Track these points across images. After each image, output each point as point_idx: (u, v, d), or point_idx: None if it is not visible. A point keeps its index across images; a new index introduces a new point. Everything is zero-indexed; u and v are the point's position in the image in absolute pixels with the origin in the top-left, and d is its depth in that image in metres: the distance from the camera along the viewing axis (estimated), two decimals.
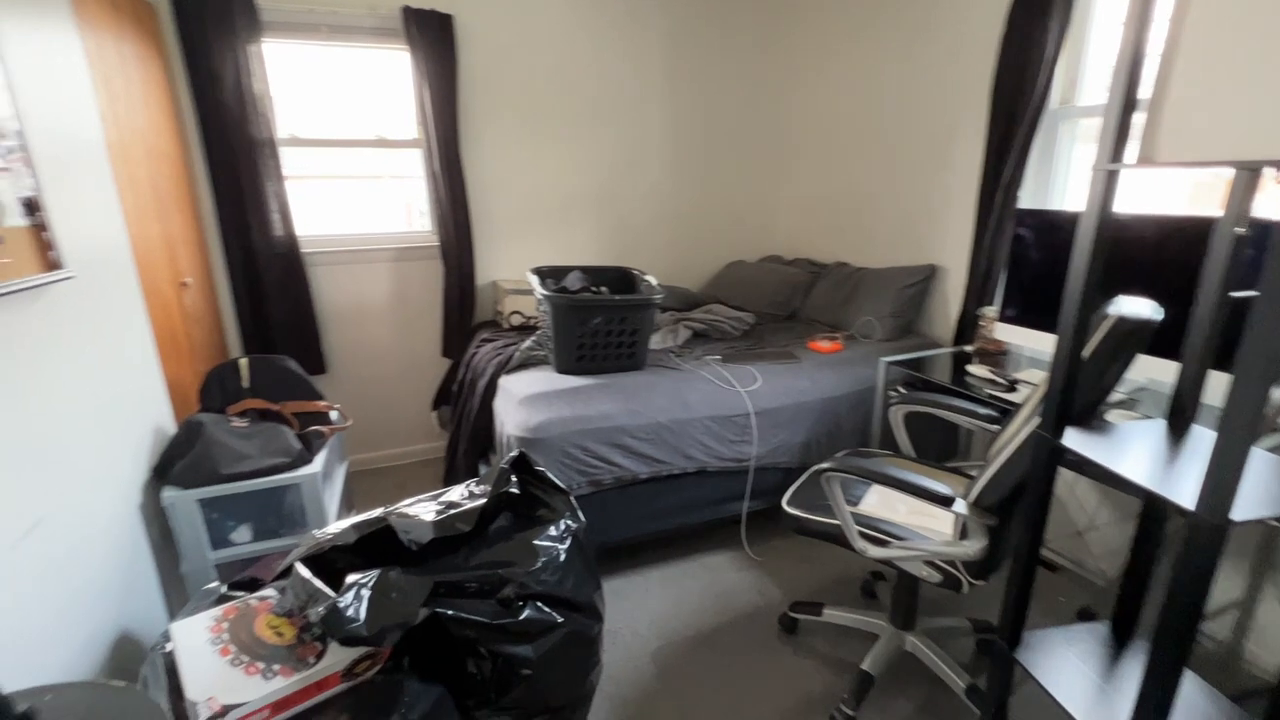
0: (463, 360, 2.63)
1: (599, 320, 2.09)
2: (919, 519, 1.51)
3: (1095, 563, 2.07)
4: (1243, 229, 0.93)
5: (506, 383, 2.15)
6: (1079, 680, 1.08)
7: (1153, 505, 1.13)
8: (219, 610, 1.17)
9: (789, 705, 1.60)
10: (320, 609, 1.04)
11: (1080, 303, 0.94)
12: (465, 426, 2.32)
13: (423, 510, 1.27)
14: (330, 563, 1.19)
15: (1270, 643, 1.66)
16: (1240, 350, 0.71)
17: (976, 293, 2.32)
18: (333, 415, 1.93)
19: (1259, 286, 0.69)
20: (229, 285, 2.52)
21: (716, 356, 2.38)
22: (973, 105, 2.31)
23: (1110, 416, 1.64)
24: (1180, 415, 1.04)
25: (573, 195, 3.08)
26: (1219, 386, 0.85)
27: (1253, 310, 0.70)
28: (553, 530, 1.30)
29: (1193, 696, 1.07)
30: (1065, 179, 2.19)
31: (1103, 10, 2.01)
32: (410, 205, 2.94)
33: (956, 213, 2.46)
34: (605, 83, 2.99)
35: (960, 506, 1.26)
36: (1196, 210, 1.70)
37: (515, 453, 1.42)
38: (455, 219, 2.74)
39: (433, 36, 2.54)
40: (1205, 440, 0.98)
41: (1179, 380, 1.04)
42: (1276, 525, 1.55)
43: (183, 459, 1.56)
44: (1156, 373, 1.61)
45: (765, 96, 3.34)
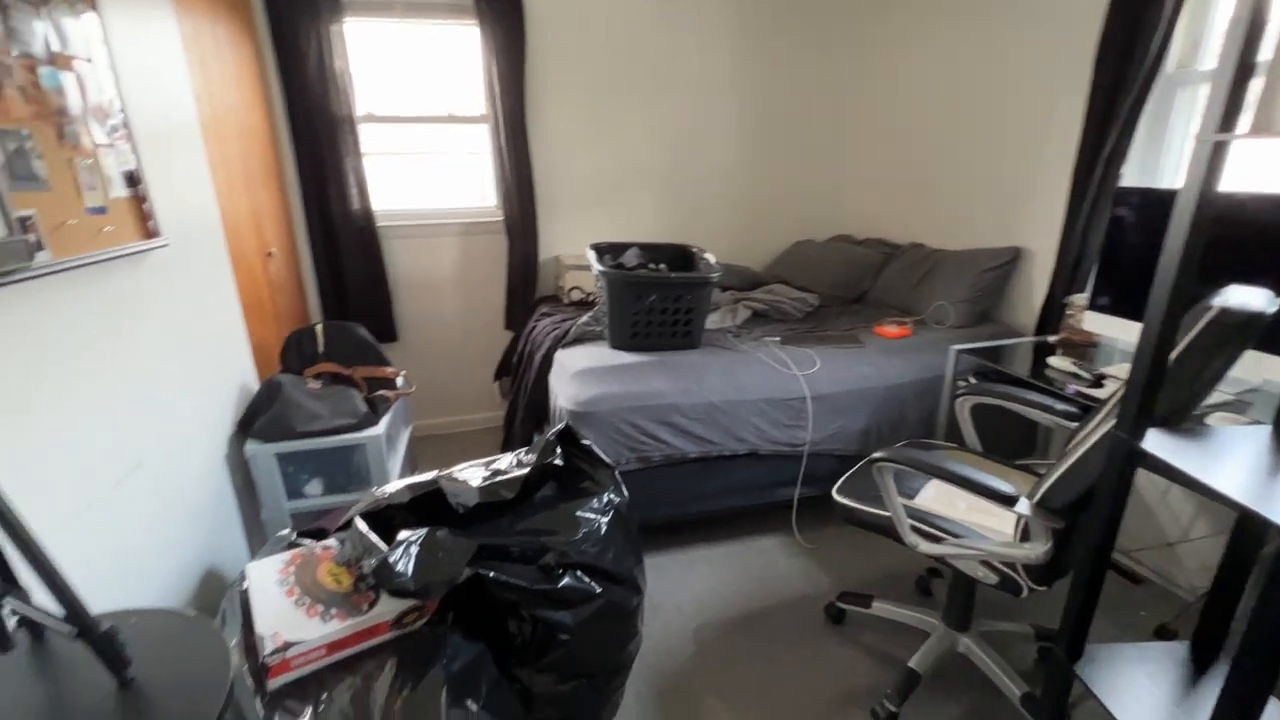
0: (523, 333, 2.69)
1: (654, 297, 2.08)
2: (979, 517, 1.43)
3: (1187, 578, 1.89)
4: None
5: (562, 357, 2.19)
6: (1146, 701, 1.00)
7: (1247, 520, 1.02)
8: (288, 555, 1.26)
9: (829, 695, 1.57)
10: (372, 561, 1.11)
11: (1173, 288, 0.85)
12: (522, 397, 2.39)
13: (472, 475, 1.32)
14: (388, 519, 1.27)
15: None
16: None
17: (1065, 278, 2.14)
18: (398, 381, 2.03)
19: None
20: (310, 255, 2.68)
21: (775, 338, 2.32)
22: (1072, 70, 2.10)
23: (1211, 419, 1.48)
24: None
25: (637, 171, 3.06)
26: None
27: None
28: (595, 503, 1.32)
29: None
30: (1180, 153, 1.96)
31: None
32: (477, 181, 3.01)
33: (1047, 191, 2.26)
34: (674, 56, 2.93)
35: (1023, 506, 1.17)
36: None
37: (561, 425, 1.45)
38: (519, 194, 2.79)
39: (502, 11, 2.56)
40: None
41: None
42: None
43: (263, 415, 1.69)
44: (1276, 373, 1.43)
45: (840, 66, 3.17)
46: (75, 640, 0.70)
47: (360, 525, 1.21)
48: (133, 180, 1.27)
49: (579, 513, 1.28)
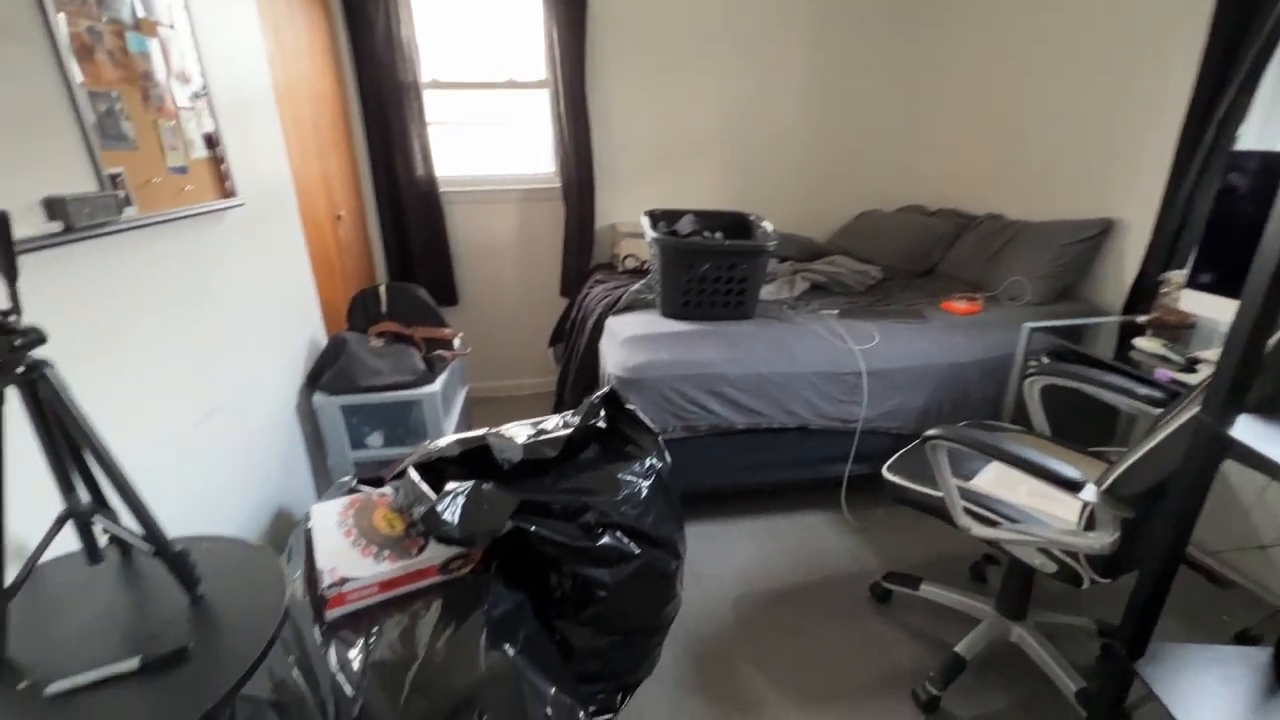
0: (576, 300, 2.72)
1: (708, 266, 2.05)
2: (1041, 502, 1.35)
3: None
4: None
5: (612, 323, 2.19)
6: (1214, 708, 0.93)
7: None
8: (348, 499, 1.35)
9: (869, 673, 1.55)
10: (422, 509, 1.17)
11: (1279, 262, 0.75)
12: (574, 363, 2.42)
13: (518, 433, 1.36)
14: (440, 471, 1.32)
15: None
16: None
17: (1163, 253, 1.95)
18: (455, 343, 2.10)
19: None
20: (377, 219, 2.78)
21: (833, 311, 2.24)
22: (1184, 17, 1.87)
23: None
24: None
25: (697, 137, 2.99)
26: None
27: None
28: (637, 466, 1.33)
29: None
30: None
31: None
32: (536, 149, 3.02)
33: (1148, 155, 2.05)
34: (741, 17, 2.81)
35: (1089, 493, 1.10)
36: None
37: (606, 389, 1.46)
38: (577, 161, 2.79)
39: None
40: None
41: None
42: None
43: (330, 369, 1.79)
44: None
45: (916, 23, 2.95)
46: (153, 558, 0.78)
47: (413, 475, 1.28)
48: (211, 142, 1.35)
49: (620, 475, 1.30)
